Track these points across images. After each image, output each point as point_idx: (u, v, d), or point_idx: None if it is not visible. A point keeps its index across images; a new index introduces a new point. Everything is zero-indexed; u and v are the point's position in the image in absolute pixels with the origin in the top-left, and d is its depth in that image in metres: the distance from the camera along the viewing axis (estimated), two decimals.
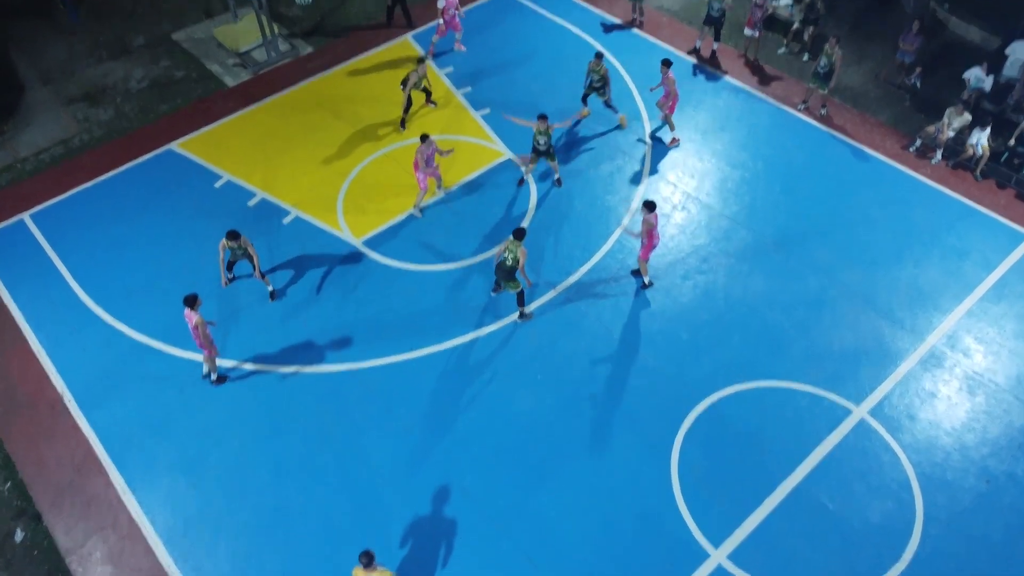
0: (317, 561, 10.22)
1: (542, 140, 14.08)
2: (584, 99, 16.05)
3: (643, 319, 12.81)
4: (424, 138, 13.71)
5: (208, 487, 10.97)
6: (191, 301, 11.11)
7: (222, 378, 12.11)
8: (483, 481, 10.92)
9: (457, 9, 17.39)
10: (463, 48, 17.86)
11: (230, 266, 13.23)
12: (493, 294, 13.05)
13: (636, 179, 15.08)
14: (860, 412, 11.57)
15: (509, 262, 11.91)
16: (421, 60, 15.72)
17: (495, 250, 12.19)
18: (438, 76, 17.48)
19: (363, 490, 10.88)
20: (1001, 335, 12.48)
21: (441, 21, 17.34)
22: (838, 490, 10.75)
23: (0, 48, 18.67)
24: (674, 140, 15.79)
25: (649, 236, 12.41)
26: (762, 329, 12.62)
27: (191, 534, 10.54)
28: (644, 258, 12.81)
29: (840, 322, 12.68)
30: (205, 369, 12.05)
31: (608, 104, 15.84)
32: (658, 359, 12.26)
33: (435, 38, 17.68)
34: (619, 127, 16.06)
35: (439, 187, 14.73)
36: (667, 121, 15.65)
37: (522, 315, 12.76)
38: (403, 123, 16.08)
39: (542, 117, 13.86)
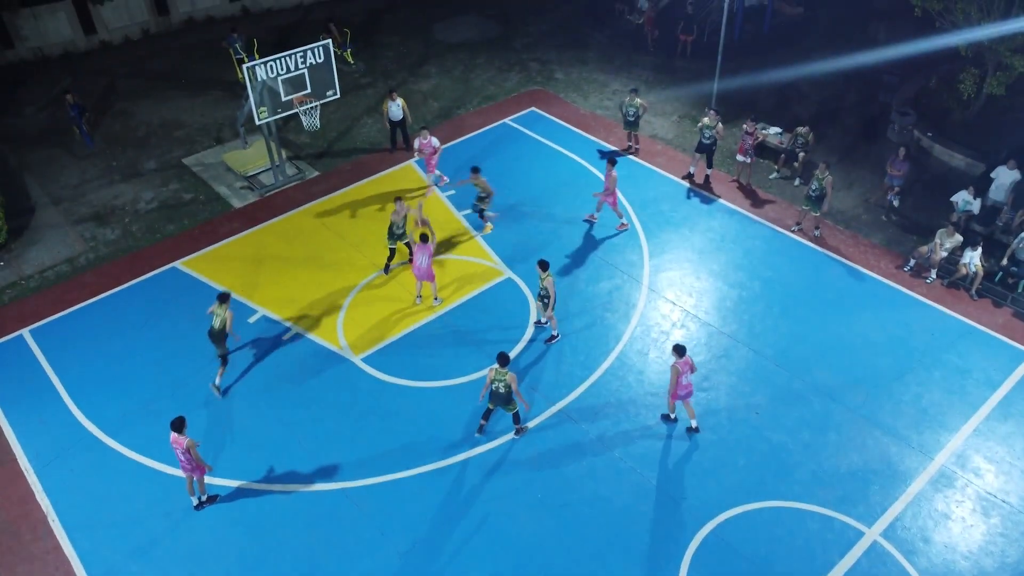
0: None
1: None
2: (479, 215, 16.89)
3: (645, 438, 12.58)
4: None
5: None
6: (178, 425, 10.89)
7: (212, 498, 11.74)
8: None
9: (434, 152, 17.75)
10: (445, 179, 18.44)
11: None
12: (478, 435, 12.58)
13: (634, 297, 15.21)
14: (872, 534, 11.16)
15: (502, 390, 11.78)
16: (399, 199, 15.62)
17: (486, 374, 11.97)
18: (439, 199, 17.96)
19: None
20: (1011, 454, 12.22)
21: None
22: None
23: (15, 174, 19.27)
24: (623, 225, 16.87)
25: (677, 383, 11.99)
26: (767, 450, 12.37)
27: None
28: (672, 400, 12.47)
29: (846, 443, 12.44)
30: (195, 499, 11.67)
31: (481, 213, 16.74)
32: (661, 480, 11.94)
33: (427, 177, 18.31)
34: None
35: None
36: (599, 206, 16.90)
37: (519, 431, 12.56)
38: (387, 269, 16.02)
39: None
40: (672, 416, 12.75)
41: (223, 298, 13.13)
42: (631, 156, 19.41)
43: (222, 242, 16.92)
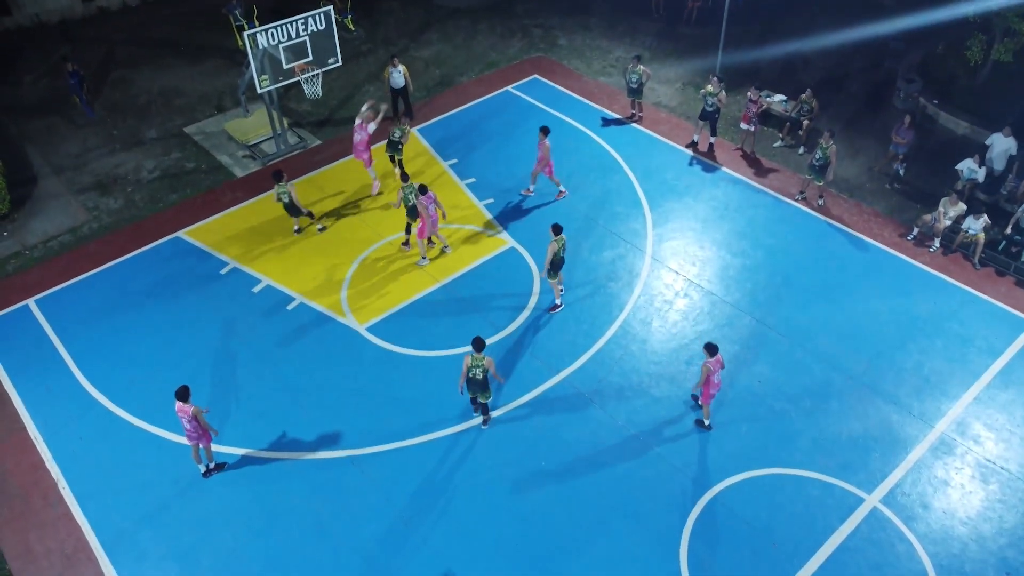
0: None
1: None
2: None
3: (648, 406, 12.68)
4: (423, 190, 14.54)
5: None
6: (183, 394, 10.97)
7: (220, 465, 11.88)
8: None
9: (367, 150, 16.67)
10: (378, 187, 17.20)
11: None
12: (484, 427, 12.41)
13: (638, 266, 15.22)
14: (872, 501, 11.30)
15: (480, 375, 11.53)
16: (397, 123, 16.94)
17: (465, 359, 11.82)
18: (442, 166, 17.90)
19: None
20: (1011, 422, 12.32)
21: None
22: None
23: (15, 143, 19.18)
24: (561, 193, 16.94)
25: (707, 383, 11.69)
26: (769, 417, 12.47)
27: None
28: (704, 403, 12.04)
29: (848, 411, 12.54)
30: (202, 467, 11.81)
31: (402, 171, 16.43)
32: (664, 447, 12.07)
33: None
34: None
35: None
36: (534, 178, 16.75)
37: (486, 422, 12.41)
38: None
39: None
40: (707, 423, 12.25)
41: (278, 176, 15.29)
42: (634, 124, 19.29)
43: (225, 211, 16.90)
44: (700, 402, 12.14)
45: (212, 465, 11.83)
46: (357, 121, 16.53)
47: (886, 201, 16.87)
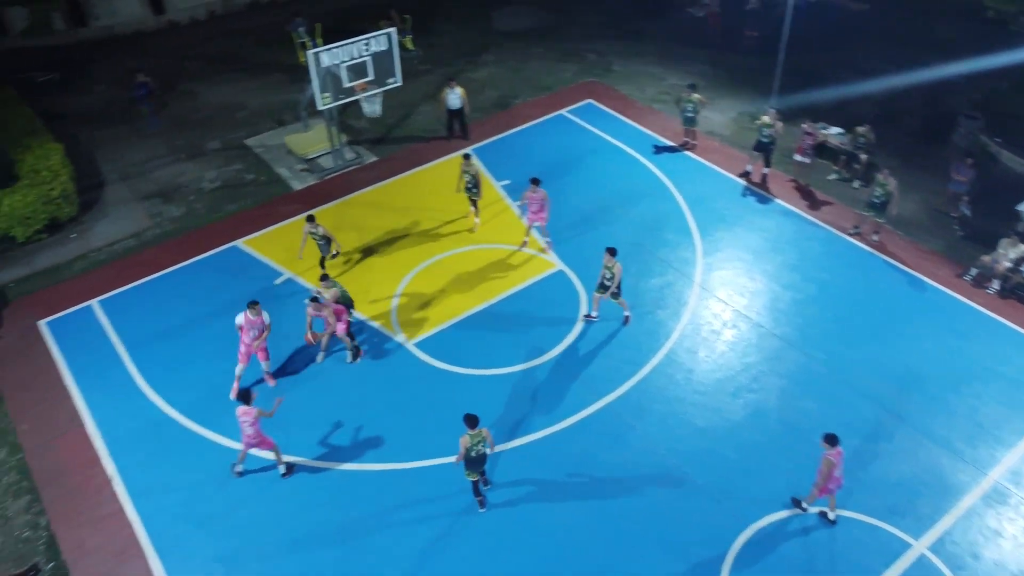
0: None
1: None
2: (474, 204, 16.85)
3: (691, 437, 12.61)
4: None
5: None
6: (246, 397, 11.33)
7: (291, 468, 12.21)
8: None
9: (259, 337, 13.16)
10: (273, 382, 13.73)
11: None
12: (482, 510, 11.64)
13: (686, 295, 15.20)
14: (920, 547, 11.06)
15: (484, 450, 10.99)
16: (467, 156, 16.52)
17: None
18: (493, 187, 18.13)
19: None
20: None
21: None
22: None
23: (86, 149, 19.95)
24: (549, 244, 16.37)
25: (829, 476, 10.78)
26: (814, 455, 12.23)
27: None
28: (820, 495, 11.07)
29: (897, 453, 12.31)
30: (281, 468, 12.16)
31: (474, 202, 16.70)
32: (705, 479, 11.98)
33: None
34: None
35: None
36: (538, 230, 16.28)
37: (481, 503, 11.65)
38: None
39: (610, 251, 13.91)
40: (832, 517, 11.33)
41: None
42: (687, 152, 19.30)
43: (281, 223, 17.33)
44: (809, 501, 11.26)
45: (283, 470, 12.16)
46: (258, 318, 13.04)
47: (942, 239, 16.59)
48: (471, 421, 10.85)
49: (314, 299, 13.33)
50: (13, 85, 20.79)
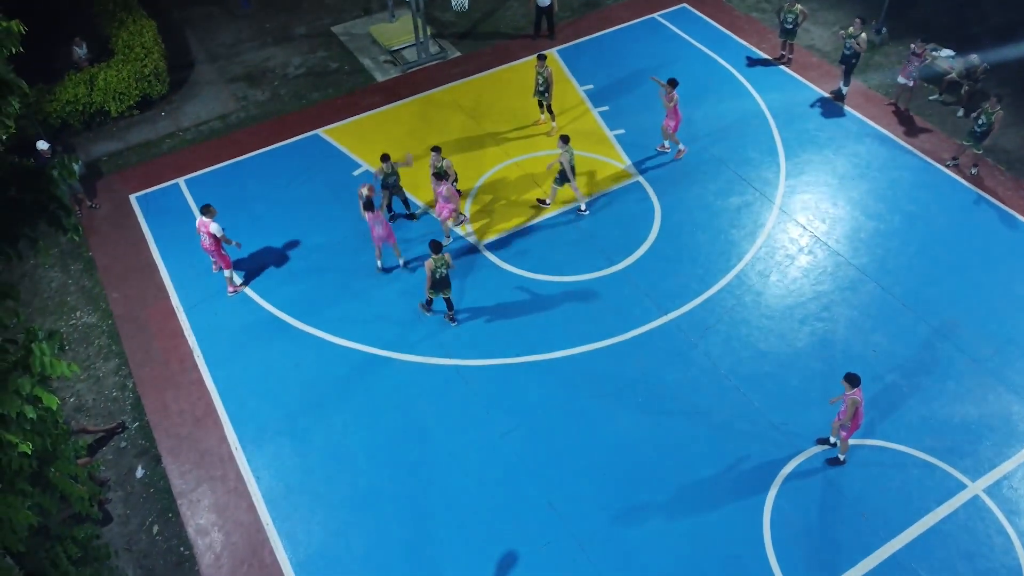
0: (400, 551, 10.56)
1: None
2: (542, 107, 16.61)
3: (753, 360, 12.57)
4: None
5: (311, 459, 11.54)
6: (204, 210, 12.55)
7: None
8: (571, 498, 10.99)
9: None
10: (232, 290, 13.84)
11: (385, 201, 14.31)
12: (428, 313, 13.23)
13: (764, 217, 14.82)
14: (975, 488, 10.96)
15: (445, 273, 12.37)
16: (541, 57, 15.96)
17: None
18: (577, 92, 17.73)
19: (452, 488, 11.15)
20: None
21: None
22: (940, 567, 10.22)
23: (177, 28, 20.23)
24: (680, 152, 15.99)
25: (855, 415, 10.63)
26: (879, 389, 12.15)
27: (291, 499, 11.11)
28: (845, 438, 11.02)
29: (965, 394, 12.04)
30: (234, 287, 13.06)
31: (548, 108, 16.47)
32: (764, 403, 12.00)
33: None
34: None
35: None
36: (666, 133, 15.74)
37: (452, 318, 13.12)
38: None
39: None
40: (842, 459, 11.25)
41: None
42: (783, 66, 18.39)
43: (363, 114, 17.43)
44: (835, 438, 11.27)
45: (239, 281, 13.46)
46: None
47: None
48: (435, 247, 12.10)
49: (436, 174, 13.53)
50: None
